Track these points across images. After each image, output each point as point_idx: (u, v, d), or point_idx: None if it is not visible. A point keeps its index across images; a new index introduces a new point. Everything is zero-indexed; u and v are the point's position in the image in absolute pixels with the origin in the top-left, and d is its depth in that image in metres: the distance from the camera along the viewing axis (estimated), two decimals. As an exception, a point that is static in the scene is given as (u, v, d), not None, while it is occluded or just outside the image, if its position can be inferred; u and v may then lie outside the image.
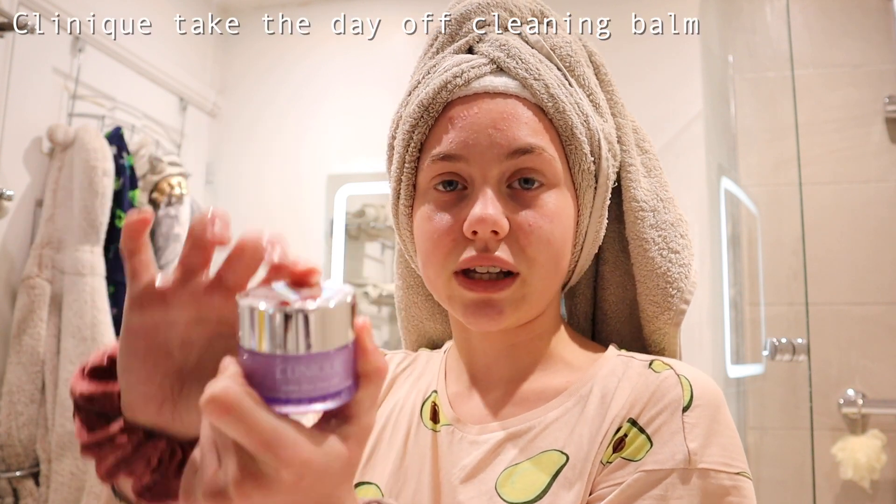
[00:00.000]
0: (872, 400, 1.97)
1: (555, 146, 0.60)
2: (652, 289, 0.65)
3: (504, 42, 0.62)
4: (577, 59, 0.64)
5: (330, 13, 2.43)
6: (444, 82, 0.60)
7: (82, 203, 1.67)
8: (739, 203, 2.18)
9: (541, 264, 0.58)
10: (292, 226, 2.34)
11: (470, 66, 0.61)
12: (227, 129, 2.46)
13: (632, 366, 0.62)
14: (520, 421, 0.61)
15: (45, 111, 1.75)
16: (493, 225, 0.56)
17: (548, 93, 0.59)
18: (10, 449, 1.56)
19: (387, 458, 0.66)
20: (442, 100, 0.60)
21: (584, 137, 0.61)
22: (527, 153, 0.58)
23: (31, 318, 1.62)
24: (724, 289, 2.00)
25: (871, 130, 2.08)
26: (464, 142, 0.59)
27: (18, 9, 1.64)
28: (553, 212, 0.59)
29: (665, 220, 0.65)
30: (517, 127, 0.58)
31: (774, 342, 1.79)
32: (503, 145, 0.58)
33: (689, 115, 2.01)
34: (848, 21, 2.13)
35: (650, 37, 2.09)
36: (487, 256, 0.57)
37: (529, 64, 0.60)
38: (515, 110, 0.59)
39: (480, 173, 0.58)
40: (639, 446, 0.54)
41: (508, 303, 0.59)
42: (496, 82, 0.60)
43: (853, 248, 2.04)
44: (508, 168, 0.59)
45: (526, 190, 0.59)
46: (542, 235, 0.58)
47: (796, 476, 1.96)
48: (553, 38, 0.64)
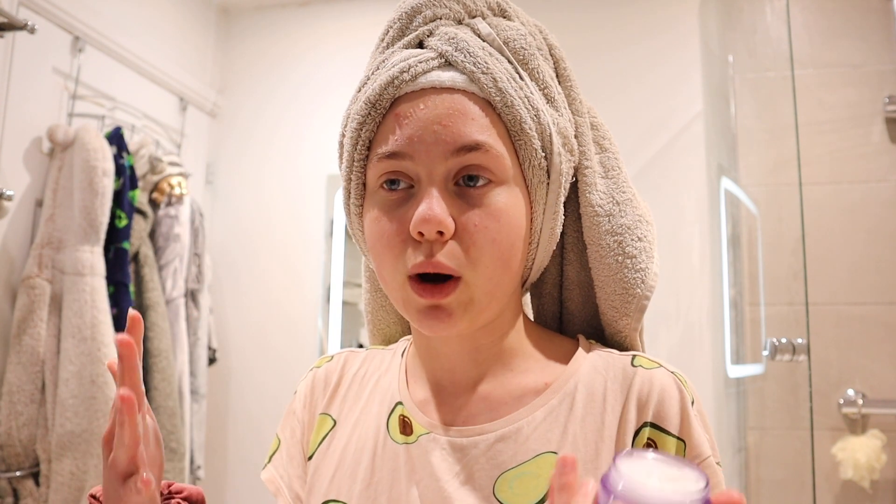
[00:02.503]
0: (872, 400, 1.97)
1: (504, 141, 0.58)
2: (610, 294, 0.65)
3: (453, 35, 0.60)
4: (532, 51, 0.62)
5: (330, 13, 2.43)
6: (391, 78, 0.58)
7: (82, 203, 1.67)
8: (739, 203, 2.18)
9: (485, 265, 0.57)
10: (292, 226, 2.34)
11: (417, 60, 0.59)
12: (227, 129, 2.46)
13: (613, 362, 0.62)
14: (506, 423, 0.60)
15: (45, 111, 1.75)
16: (437, 225, 0.55)
17: (496, 87, 0.58)
18: (10, 449, 1.56)
19: (354, 476, 0.64)
20: (388, 96, 0.59)
21: (534, 132, 0.59)
22: (473, 150, 0.56)
23: (31, 318, 1.62)
24: (724, 289, 2.00)
25: (870, 130, 2.08)
26: (409, 139, 0.57)
27: (18, 9, 1.64)
28: (500, 210, 0.57)
29: (621, 223, 0.64)
30: (463, 123, 0.57)
31: (774, 342, 1.79)
32: (448, 142, 0.56)
33: (689, 115, 2.01)
34: (848, 21, 2.13)
35: (650, 37, 2.09)
36: (431, 262, 0.56)
37: (478, 57, 0.58)
38: (462, 106, 0.57)
39: (426, 171, 0.57)
40: (676, 451, 0.57)
41: (456, 306, 0.57)
42: (443, 77, 0.58)
43: (853, 247, 2.04)
44: (454, 165, 0.57)
45: (473, 188, 0.57)
46: (487, 235, 0.56)
47: (796, 476, 1.96)
48: (507, 32, 0.62)
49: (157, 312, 1.89)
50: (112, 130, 1.84)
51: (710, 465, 0.57)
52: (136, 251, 1.90)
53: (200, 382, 2.08)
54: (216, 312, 2.30)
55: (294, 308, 2.30)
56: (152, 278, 1.92)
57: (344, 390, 0.71)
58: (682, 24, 2.07)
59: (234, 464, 2.29)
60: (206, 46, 2.43)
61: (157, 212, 2.01)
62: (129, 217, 1.83)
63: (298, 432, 0.71)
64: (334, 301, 2.28)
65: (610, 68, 2.07)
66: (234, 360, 2.34)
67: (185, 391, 1.97)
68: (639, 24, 2.11)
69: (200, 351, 2.09)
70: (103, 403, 1.61)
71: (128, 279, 1.81)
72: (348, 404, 0.70)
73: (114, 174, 1.74)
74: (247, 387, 2.31)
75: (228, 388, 2.32)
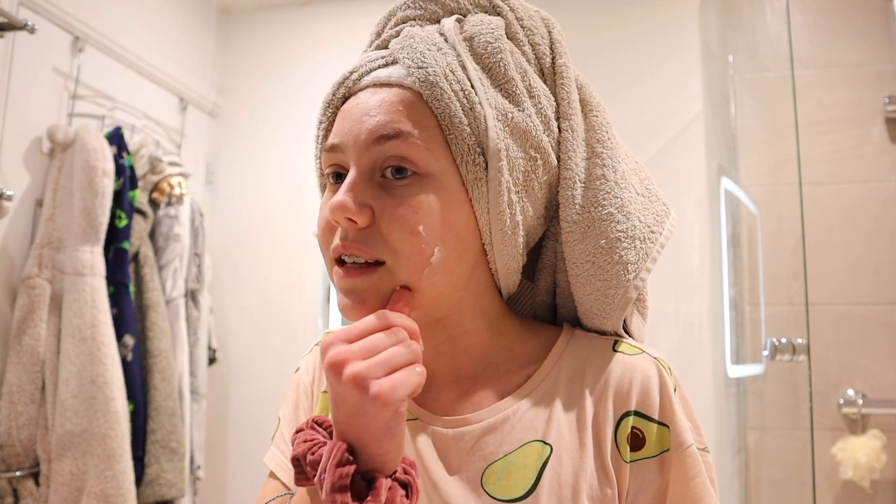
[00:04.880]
0: (872, 400, 1.97)
1: (435, 135, 0.57)
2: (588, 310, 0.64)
3: (410, 34, 0.61)
4: (498, 45, 0.60)
5: (330, 13, 2.43)
6: (342, 78, 0.61)
7: (82, 203, 1.67)
8: (739, 203, 2.18)
9: (406, 256, 0.56)
10: (292, 225, 2.34)
11: (367, 59, 0.61)
12: (227, 129, 2.46)
13: (594, 344, 0.63)
14: (491, 413, 0.61)
15: (45, 111, 1.75)
16: (344, 212, 0.55)
17: (426, 79, 0.57)
18: (10, 449, 1.56)
19: None
20: (340, 95, 0.61)
21: (467, 127, 0.57)
22: (393, 138, 0.56)
23: (31, 318, 1.61)
24: (724, 289, 2.00)
25: (871, 130, 2.08)
26: (342, 131, 0.59)
27: (18, 9, 1.64)
28: (421, 203, 0.56)
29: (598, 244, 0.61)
30: (388, 113, 0.57)
31: (774, 342, 1.79)
32: (372, 131, 0.57)
33: (689, 115, 2.01)
34: (848, 21, 2.13)
35: (650, 37, 2.09)
36: (347, 245, 0.57)
37: (416, 51, 0.58)
38: (394, 98, 0.58)
39: (353, 161, 0.58)
40: (659, 436, 0.57)
41: (371, 292, 0.57)
42: (382, 74, 0.59)
43: (853, 247, 2.04)
44: (378, 155, 0.57)
45: (397, 180, 0.57)
46: (405, 226, 0.55)
47: (796, 476, 1.96)
48: (477, 27, 0.61)
49: (157, 312, 1.89)
50: (112, 130, 1.84)
51: (692, 453, 0.58)
52: (136, 251, 1.90)
53: (200, 382, 2.08)
54: (216, 312, 2.30)
55: (294, 308, 2.30)
56: (152, 278, 1.92)
57: None
58: (682, 24, 2.07)
59: (234, 464, 2.29)
60: (206, 46, 2.43)
61: (157, 212, 2.01)
62: (129, 217, 1.83)
63: (306, 403, 0.72)
64: (334, 301, 2.27)
65: (610, 68, 2.07)
66: (234, 360, 2.34)
67: (185, 391, 1.97)
68: (639, 24, 2.11)
69: (200, 351, 2.09)
70: (103, 403, 1.61)
71: (128, 279, 1.81)
72: None
73: (114, 174, 1.74)
74: (247, 387, 2.31)
75: (228, 388, 2.32)
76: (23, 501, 1.57)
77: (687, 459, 0.57)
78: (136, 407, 1.78)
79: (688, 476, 0.57)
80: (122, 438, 1.63)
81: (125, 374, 1.73)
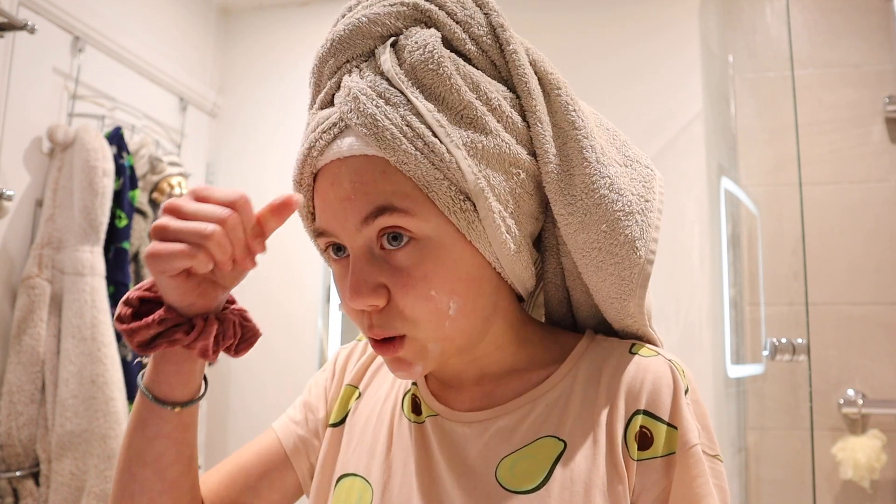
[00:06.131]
0: (872, 400, 1.97)
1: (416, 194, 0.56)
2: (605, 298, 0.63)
3: (350, 89, 0.57)
4: (442, 70, 0.56)
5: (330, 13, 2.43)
6: (303, 157, 0.61)
7: (82, 203, 1.67)
8: (739, 203, 2.18)
9: (424, 322, 0.57)
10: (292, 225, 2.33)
11: (321, 131, 0.59)
12: (227, 129, 2.47)
13: (612, 348, 0.63)
14: (510, 408, 0.62)
15: (45, 111, 1.75)
16: (362, 305, 0.57)
17: (387, 146, 0.55)
18: (10, 449, 1.56)
19: (372, 451, 0.67)
20: (307, 174, 0.62)
21: (444, 179, 0.55)
22: (379, 215, 0.56)
23: (31, 318, 1.61)
24: (724, 289, 2.00)
25: (871, 130, 2.08)
26: (327, 219, 0.60)
27: (18, 9, 1.64)
28: (426, 270, 0.56)
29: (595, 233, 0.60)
30: (365, 192, 0.56)
31: (774, 342, 1.79)
32: (356, 214, 0.57)
33: (689, 115, 2.01)
34: (848, 21, 2.13)
35: (650, 37, 2.09)
36: (373, 330, 0.59)
37: (367, 117, 0.55)
38: (363, 173, 0.56)
39: (349, 244, 0.59)
40: (667, 437, 0.58)
41: (413, 357, 0.59)
42: (342, 146, 0.57)
43: (853, 247, 2.04)
44: (371, 233, 0.57)
45: (397, 249, 0.57)
46: (418, 295, 0.56)
47: (796, 476, 1.96)
48: (414, 54, 0.57)
49: (157, 312, 1.89)
50: (112, 130, 1.84)
51: (696, 453, 0.57)
52: (136, 251, 1.90)
53: (200, 382, 2.08)
54: (216, 312, 2.30)
55: (294, 308, 2.30)
56: (152, 278, 1.92)
57: (374, 367, 0.76)
58: (682, 24, 2.07)
59: (234, 464, 2.29)
60: (206, 46, 2.43)
61: (157, 212, 2.01)
62: (129, 217, 1.83)
63: (333, 389, 0.76)
64: (334, 301, 2.28)
65: (610, 68, 2.07)
66: (234, 360, 2.34)
67: (185, 391, 1.96)
68: (639, 24, 2.11)
69: (200, 351, 2.08)
70: (103, 403, 1.61)
71: (128, 279, 1.81)
72: (377, 381, 0.74)
73: (114, 174, 1.74)
74: (247, 387, 2.31)
75: (228, 388, 2.32)
76: (23, 501, 1.57)
77: (690, 459, 0.57)
78: (136, 407, 1.78)
79: (690, 475, 0.57)
80: (121, 438, 1.63)
81: (125, 374, 1.73)
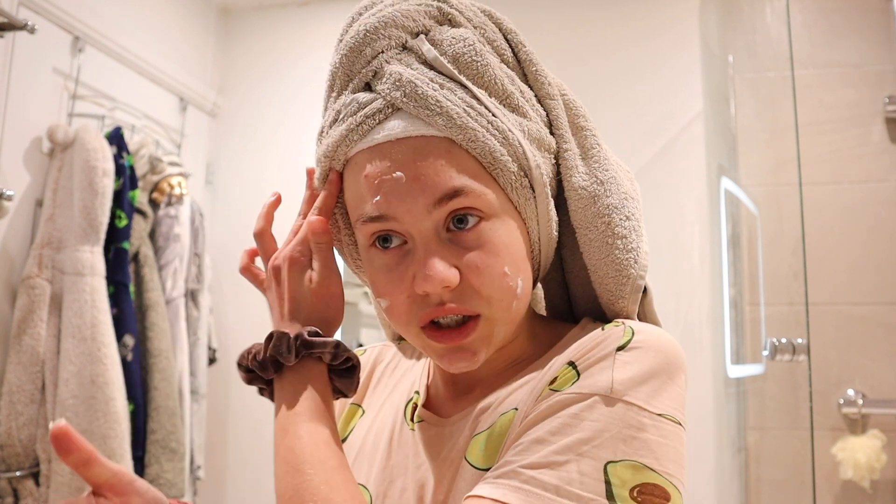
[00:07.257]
0: (872, 400, 1.97)
1: (480, 174, 0.57)
2: (603, 277, 0.63)
3: (399, 77, 0.57)
4: (485, 60, 0.58)
5: (330, 13, 2.43)
6: (340, 138, 0.59)
7: (82, 203, 1.67)
8: (739, 203, 2.18)
9: (499, 299, 0.57)
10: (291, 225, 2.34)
11: (365, 115, 0.57)
12: (227, 129, 2.46)
13: (590, 328, 0.62)
14: (490, 397, 0.62)
15: (45, 111, 1.75)
16: (441, 283, 0.55)
17: (454, 125, 0.55)
18: (10, 449, 1.56)
19: (373, 459, 0.67)
20: (340, 158, 0.60)
21: (507, 156, 0.57)
22: (454, 197, 0.55)
23: (31, 318, 1.62)
24: (724, 289, 2.00)
25: (871, 130, 2.08)
26: (388, 202, 0.56)
27: (18, 9, 1.64)
28: (499, 244, 0.57)
29: (607, 203, 0.61)
30: (435, 172, 0.55)
31: (774, 342, 1.79)
32: (428, 196, 0.55)
33: (689, 115, 2.01)
34: (848, 21, 2.13)
35: (650, 37, 2.09)
36: (444, 308, 0.57)
37: (428, 98, 0.55)
38: (428, 153, 0.55)
39: (415, 229, 0.56)
40: (567, 379, 0.55)
41: (479, 343, 0.58)
42: (395, 128, 0.56)
43: (853, 247, 2.04)
44: (440, 216, 0.56)
45: (465, 230, 0.56)
46: (493, 273, 0.56)
47: (796, 476, 1.96)
48: (454, 46, 0.58)
49: (157, 312, 1.89)
50: (112, 130, 1.84)
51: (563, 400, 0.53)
52: (136, 251, 1.90)
53: (200, 382, 2.08)
54: (216, 312, 2.30)
55: (294, 308, 2.30)
56: (152, 278, 1.92)
57: (374, 382, 0.76)
58: (682, 25, 2.07)
59: (234, 464, 2.29)
60: (206, 46, 2.43)
61: (157, 212, 2.01)
62: (129, 217, 1.83)
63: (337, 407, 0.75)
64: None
65: (610, 68, 2.06)
66: (234, 360, 2.34)
67: (185, 391, 1.97)
68: (639, 24, 2.11)
69: (200, 351, 2.09)
70: (103, 403, 1.61)
71: (128, 279, 1.81)
72: (377, 394, 0.74)
73: (114, 174, 1.74)
74: (247, 387, 2.31)
75: (228, 388, 2.32)
76: (23, 501, 1.57)
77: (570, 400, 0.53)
78: (135, 407, 1.78)
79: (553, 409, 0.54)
80: (122, 438, 1.64)
81: (125, 374, 1.73)
